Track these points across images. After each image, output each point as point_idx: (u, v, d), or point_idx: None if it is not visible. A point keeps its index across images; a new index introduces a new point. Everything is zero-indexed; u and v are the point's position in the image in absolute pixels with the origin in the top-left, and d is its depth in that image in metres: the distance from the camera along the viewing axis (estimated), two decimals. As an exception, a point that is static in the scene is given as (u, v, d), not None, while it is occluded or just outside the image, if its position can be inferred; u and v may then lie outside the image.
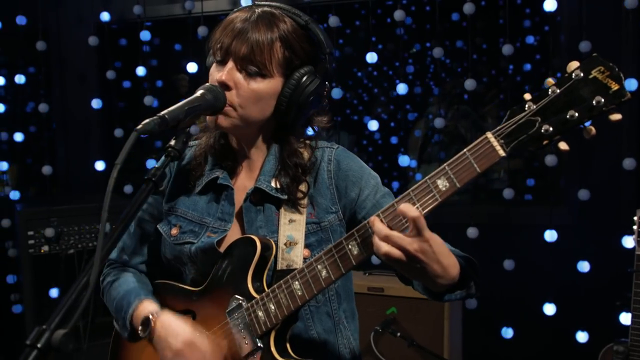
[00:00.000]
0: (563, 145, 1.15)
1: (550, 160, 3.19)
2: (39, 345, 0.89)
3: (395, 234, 1.19)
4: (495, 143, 1.16)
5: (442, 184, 1.20)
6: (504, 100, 5.34)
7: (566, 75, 1.12)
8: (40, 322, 3.34)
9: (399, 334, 3.03)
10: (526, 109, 1.15)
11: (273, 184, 1.51)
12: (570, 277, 3.32)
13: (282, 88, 1.45)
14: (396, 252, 1.18)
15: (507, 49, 3.32)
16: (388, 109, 5.98)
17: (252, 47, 1.40)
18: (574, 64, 1.12)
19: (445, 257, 1.21)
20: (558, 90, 1.12)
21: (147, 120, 1.18)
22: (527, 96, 1.15)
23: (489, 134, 1.17)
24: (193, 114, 1.30)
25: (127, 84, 4.39)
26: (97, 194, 4.03)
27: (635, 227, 2.77)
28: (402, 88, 3.49)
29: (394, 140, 5.23)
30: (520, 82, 5.44)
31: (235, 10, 1.50)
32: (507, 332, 3.47)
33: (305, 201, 1.51)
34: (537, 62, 5.38)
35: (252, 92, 1.43)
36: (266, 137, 1.56)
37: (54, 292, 3.54)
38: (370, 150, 5.97)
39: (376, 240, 1.21)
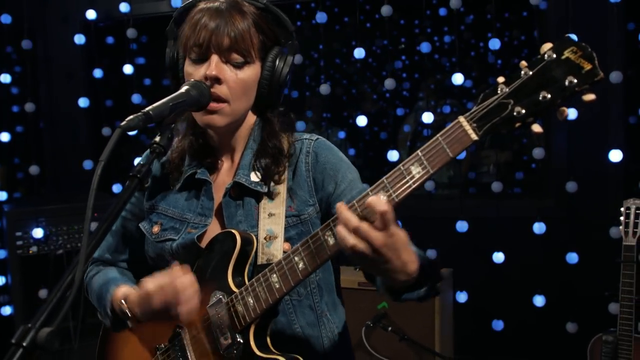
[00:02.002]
0: (536, 128, 1.12)
1: (538, 153, 3.20)
2: (24, 344, 0.88)
3: (364, 226, 1.15)
4: (467, 127, 1.14)
5: (415, 170, 1.18)
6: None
7: (539, 56, 1.10)
8: (29, 323, 3.30)
9: (390, 328, 3.04)
10: (498, 92, 1.12)
11: (252, 177, 1.51)
12: (559, 269, 3.35)
13: (261, 72, 1.49)
14: (362, 245, 1.15)
15: (493, 44, 3.33)
16: (378, 105, 5.99)
17: (235, 37, 1.41)
18: (546, 45, 1.10)
19: (405, 253, 1.19)
20: (530, 72, 1.10)
21: (131, 117, 1.17)
22: (500, 79, 1.13)
23: (461, 118, 1.15)
24: (178, 109, 1.29)
25: (114, 82, 4.37)
26: (85, 193, 4.00)
27: (622, 218, 2.80)
28: (389, 83, 3.49)
29: (383, 135, 5.25)
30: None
31: (193, 2, 1.49)
32: (498, 325, 3.49)
33: (283, 179, 1.51)
34: (526, 56, 5.40)
35: (242, 81, 1.44)
36: (246, 128, 1.57)
37: (43, 293, 3.51)
38: (361, 146, 5.97)
39: (342, 230, 1.16)
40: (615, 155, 3.12)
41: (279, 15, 1.52)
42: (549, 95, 1.08)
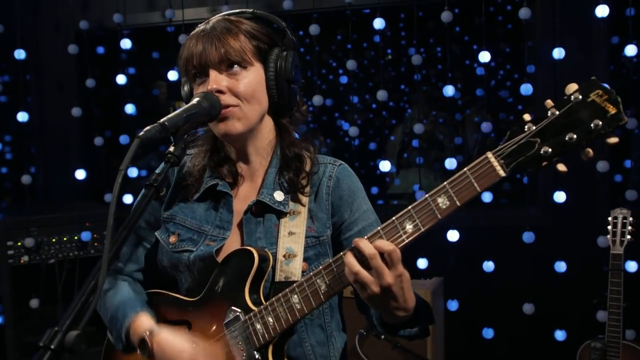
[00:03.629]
0: (561, 167, 1.17)
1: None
2: (52, 347, 0.91)
3: (379, 259, 1.23)
4: (495, 163, 1.18)
5: (442, 201, 1.22)
6: (480, 106, 5.44)
7: (565, 97, 1.14)
8: (20, 333, 3.24)
9: (383, 336, 3.07)
10: (526, 129, 1.16)
11: (276, 196, 1.55)
12: (548, 278, 3.40)
13: (265, 74, 1.53)
14: (367, 277, 1.24)
15: (483, 56, 3.39)
16: (365, 116, 6.03)
17: (225, 48, 1.47)
18: (572, 87, 1.14)
19: (408, 292, 1.28)
20: (557, 113, 1.14)
21: (148, 127, 1.20)
22: (527, 117, 1.17)
23: (489, 154, 1.19)
24: (191, 120, 1.33)
25: (105, 92, 4.37)
26: (77, 203, 4.00)
27: (610, 227, 2.86)
28: (381, 95, 3.53)
29: (372, 146, 5.29)
30: (494, 88, 5.54)
31: (188, 38, 1.56)
32: (488, 333, 3.54)
33: (306, 195, 1.56)
34: (511, 68, 5.48)
35: (244, 85, 1.49)
36: (266, 139, 1.60)
37: (34, 303, 3.49)
38: (347, 156, 6.00)
39: (349, 258, 1.26)
40: (602, 166, 3.18)
41: (268, 18, 1.59)
42: (575, 137, 1.12)
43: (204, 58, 1.47)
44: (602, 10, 3.16)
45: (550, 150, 1.14)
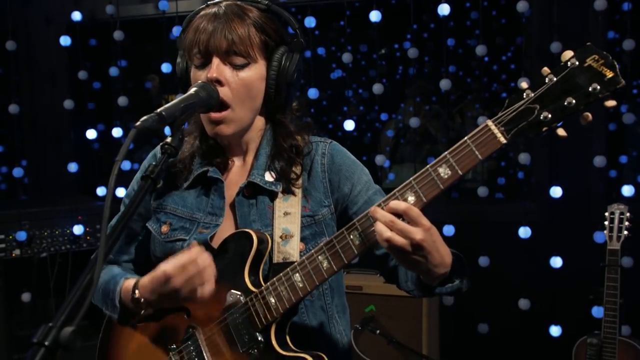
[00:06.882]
0: (561, 132, 1.17)
1: (523, 158, 3.24)
2: (46, 343, 0.87)
3: (399, 221, 1.21)
4: (495, 130, 1.18)
5: (443, 171, 1.22)
6: (472, 101, 5.43)
7: (562, 64, 1.15)
8: (11, 327, 3.21)
9: (378, 331, 3.06)
10: (525, 96, 1.17)
11: (267, 177, 1.53)
12: (543, 273, 3.39)
13: (267, 72, 1.49)
14: (399, 239, 1.19)
15: (480, 50, 3.37)
16: (358, 110, 6.00)
17: (233, 39, 1.43)
18: (568, 53, 1.15)
19: (442, 245, 1.25)
20: (555, 79, 1.15)
21: (145, 117, 1.17)
22: (524, 85, 1.18)
23: (489, 122, 1.19)
24: (189, 111, 1.30)
25: (97, 84, 4.32)
26: (69, 196, 3.97)
27: (607, 222, 2.85)
28: (377, 88, 3.51)
29: (365, 140, 5.28)
30: (487, 82, 5.53)
31: (197, 11, 1.52)
32: (483, 328, 3.53)
33: (299, 182, 1.53)
34: (505, 62, 5.47)
35: (243, 81, 1.45)
36: (256, 130, 1.58)
37: (26, 297, 3.46)
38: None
39: (379, 225, 1.21)
40: (600, 161, 3.17)
41: (281, 14, 1.53)
42: (574, 101, 1.14)
43: (211, 44, 1.43)
44: (600, 3, 3.14)
45: (550, 115, 1.15)
